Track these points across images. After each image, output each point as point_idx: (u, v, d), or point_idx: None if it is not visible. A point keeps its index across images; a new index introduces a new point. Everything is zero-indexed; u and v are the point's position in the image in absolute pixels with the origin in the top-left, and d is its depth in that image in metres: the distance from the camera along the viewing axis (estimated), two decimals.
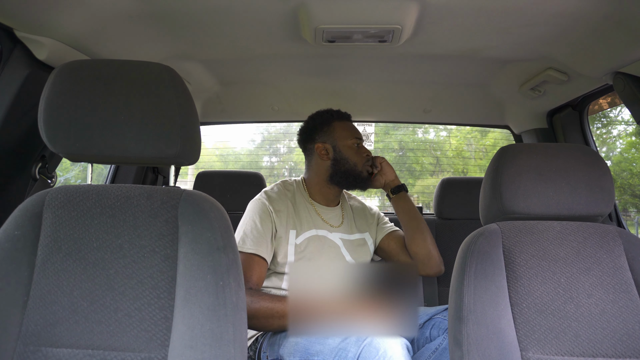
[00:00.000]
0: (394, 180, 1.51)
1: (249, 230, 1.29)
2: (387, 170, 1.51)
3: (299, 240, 1.35)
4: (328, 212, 1.46)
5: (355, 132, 1.48)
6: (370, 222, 1.52)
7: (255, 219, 1.31)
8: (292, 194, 1.44)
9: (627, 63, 1.21)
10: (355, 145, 1.46)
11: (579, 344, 0.86)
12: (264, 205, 1.34)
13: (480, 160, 6.60)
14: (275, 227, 1.33)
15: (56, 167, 1.32)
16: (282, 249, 1.32)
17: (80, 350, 0.75)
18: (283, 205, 1.37)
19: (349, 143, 1.44)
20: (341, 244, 1.42)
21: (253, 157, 7.06)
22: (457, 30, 1.27)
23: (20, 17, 1.00)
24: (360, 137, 1.49)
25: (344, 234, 1.44)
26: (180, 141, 0.82)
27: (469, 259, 0.90)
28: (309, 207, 1.43)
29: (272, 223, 1.32)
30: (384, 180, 1.50)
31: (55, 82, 0.81)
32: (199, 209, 0.81)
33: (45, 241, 0.80)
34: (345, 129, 1.47)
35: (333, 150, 1.45)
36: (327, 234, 1.41)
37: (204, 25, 1.27)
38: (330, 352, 1.05)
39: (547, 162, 0.96)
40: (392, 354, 0.97)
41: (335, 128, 1.47)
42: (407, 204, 1.46)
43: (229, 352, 0.73)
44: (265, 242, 1.28)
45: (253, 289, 1.22)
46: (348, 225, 1.47)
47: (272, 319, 1.17)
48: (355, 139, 1.46)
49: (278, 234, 1.33)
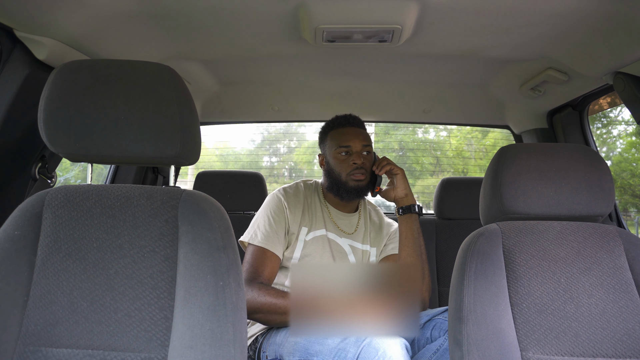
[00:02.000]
0: (403, 199, 1.40)
1: (262, 225, 1.32)
2: (398, 184, 1.41)
3: (309, 237, 1.36)
4: (343, 217, 1.46)
5: (343, 141, 1.41)
6: (381, 238, 1.49)
7: (269, 214, 1.34)
8: (310, 193, 1.46)
9: (627, 63, 1.21)
10: (342, 154, 1.40)
11: (579, 344, 0.86)
12: (280, 200, 1.37)
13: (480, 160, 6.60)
14: (288, 223, 1.35)
15: (56, 167, 1.32)
16: (292, 245, 1.34)
17: (80, 351, 0.75)
18: (298, 202, 1.40)
19: (334, 152, 1.42)
20: (349, 251, 1.41)
21: (253, 157, 7.06)
22: (457, 30, 1.27)
23: (20, 17, 1.00)
24: (349, 145, 1.41)
25: (354, 242, 1.43)
26: (180, 141, 0.82)
27: (469, 259, 0.90)
28: (323, 209, 1.44)
29: (285, 219, 1.34)
30: (394, 194, 1.42)
31: (55, 82, 0.81)
32: (199, 209, 0.81)
33: (45, 241, 0.80)
34: (335, 138, 1.43)
35: (326, 160, 1.46)
36: (336, 237, 1.41)
37: (204, 25, 1.26)
38: (330, 352, 1.05)
39: (547, 162, 0.96)
40: (392, 354, 0.97)
41: (328, 138, 1.46)
42: (408, 231, 1.36)
43: (228, 352, 0.73)
44: (277, 237, 1.30)
45: (263, 283, 1.24)
46: (361, 234, 1.46)
47: (275, 315, 1.18)
48: (340, 147, 1.40)
49: (291, 230, 1.35)
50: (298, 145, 6.98)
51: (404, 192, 1.41)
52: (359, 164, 1.39)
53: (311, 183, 1.51)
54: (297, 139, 6.89)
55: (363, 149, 1.42)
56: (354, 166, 1.39)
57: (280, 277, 1.35)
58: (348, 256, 1.41)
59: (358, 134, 1.44)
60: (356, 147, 1.41)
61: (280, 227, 1.33)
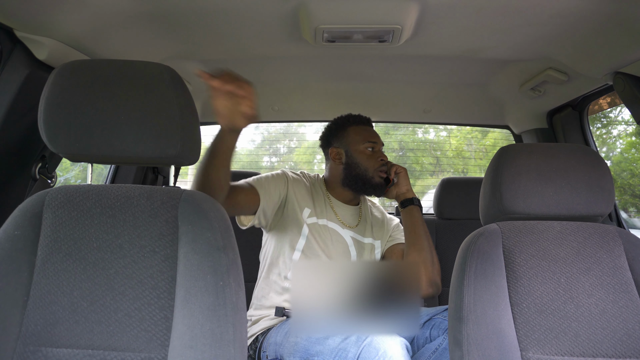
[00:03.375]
0: (405, 193, 1.45)
1: (259, 176, 1.36)
2: (401, 182, 1.46)
3: (310, 220, 1.39)
4: (344, 209, 1.48)
5: (370, 136, 1.47)
6: (385, 231, 1.52)
7: (269, 175, 1.38)
8: (313, 182, 1.49)
9: (627, 63, 1.21)
10: (369, 149, 1.45)
11: (579, 344, 0.86)
12: (284, 173, 1.42)
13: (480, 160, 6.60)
14: (287, 194, 1.38)
15: (56, 167, 1.32)
16: (296, 227, 1.37)
17: (80, 350, 0.75)
18: (302, 184, 1.44)
19: (360, 148, 1.45)
20: (351, 243, 1.43)
21: (253, 157, 7.05)
22: (457, 30, 1.27)
23: (20, 17, 1.00)
24: (376, 141, 1.47)
25: (356, 234, 1.45)
26: (181, 141, 0.82)
27: (469, 259, 0.90)
28: (326, 200, 1.46)
29: (285, 187, 1.38)
30: (396, 191, 1.47)
31: (55, 82, 0.81)
32: (198, 209, 0.81)
33: (45, 241, 0.80)
34: (359, 134, 1.47)
35: (345, 154, 1.47)
36: (338, 228, 1.43)
37: (204, 25, 1.26)
38: (330, 352, 1.05)
39: (547, 162, 0.96)
40: (392, 354, 0.98)
41: (350, 132, 1.49)
42: (413, 219, 1.40)
43: (229, 352, 0.73)
44: (267, 189, 1.33)
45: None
46: (363, 228, 1.48)
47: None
48: (368, 143, 1.45)
49: (290, 207, 1.38)
50: (298, 145, 6.98)
51: (406, 188, 1.46)
52: (385, 161, 1.46)
53: (313, 175, 1.54)
54: (297, 139, 6.89)
55: (382, 148, 1.50)
56: (381, 162, 1.44)
57: (283, 268, 1.36)
58: (349, 248, 1.41)
59: (377, 134, 1.51)
60: (379, 145, 1.48)
61: (275, 187, 1.35)
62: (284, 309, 1.29)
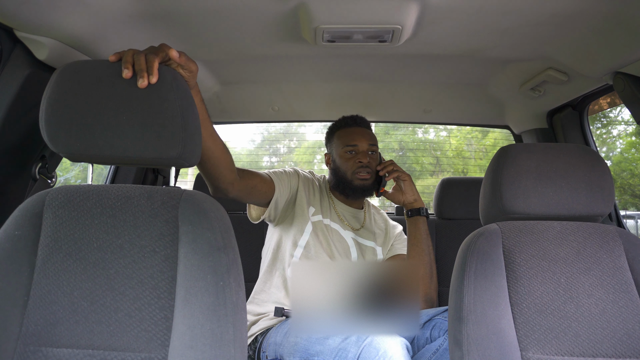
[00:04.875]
0: (412, 203, 1.45)
1: (274, 169, 1.40)
2: (406, 189, 1.45)
3: (315, 218, 1.41)
4: (346, 211, 1.49)
5: (350, 140, 1.46)
6: (387, 240, 1.52)
7: (282, 169, 1.42)
8: (319, 183, 1.52)
9: (627, 63, 1.21)
10: (348, 152, 1.45)
11: (579, 344, 0.86)
12: (296, 170, 1.46)
13: (480, 160, 6.60)
14: (297, 189, 1.41)
15: (56, 167, 1.32)
16: (302, 219, 1.39)
17: (80, 350, 0.75)
18: (311, 183, 1.47)
19: (340, 151, 1.46)
20: (352, 243, 1.43)
21: (253, 157, 7.06)
22: (457, 30, 1.27)
23: (20, 17, 1.00)
24: (356, 144, 1.46)
25: (358, 237, 1.46)
26: (182, 143, 0.82)
27: (469, 259, 0.90)
28: (329, 201, 1.49)
29: (297, 183, 1.41)
30: (402, 199, 1.46)
31: (57, 82, 0.81)
32: (199, 209, 0.82)
33: (46, 241, 0.80)
34: (341, 137, 1.48)
35: (332, 159, 1.50)
36: (339, 229, 1.44)
37: (204, 25, 1.26)
38: (331, 352, 1.05)
39: (547, 162, 0.96)
40: (392, 354, 0.98)
41: (335, 137, 1.51)
42: (417, 231, 1.40)
43: (229, 352, 0.73)
44: (281, 179, 1.36)
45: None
46: (367, 231, 1.49)
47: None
48: (347, 146, 1.45)
49: (298, 202, 1.40)
50: (298, 145, 6.98)
51: (413, 198, 1.45)
52: (364, 163, 1.43)
53: (320, 176, 1.56)
54: (297, 139, 6.89)
55: (369, 148, 1.46)
56: (359, 164, 1.43)
57: (286, 256, 1.37)
58: (350, 248, 1.42)
59: (364, 134, 1.48)
60: (362, 146, 1.46)
61: (288, 182, 1.38)
62: (283, 308, 1.30)
